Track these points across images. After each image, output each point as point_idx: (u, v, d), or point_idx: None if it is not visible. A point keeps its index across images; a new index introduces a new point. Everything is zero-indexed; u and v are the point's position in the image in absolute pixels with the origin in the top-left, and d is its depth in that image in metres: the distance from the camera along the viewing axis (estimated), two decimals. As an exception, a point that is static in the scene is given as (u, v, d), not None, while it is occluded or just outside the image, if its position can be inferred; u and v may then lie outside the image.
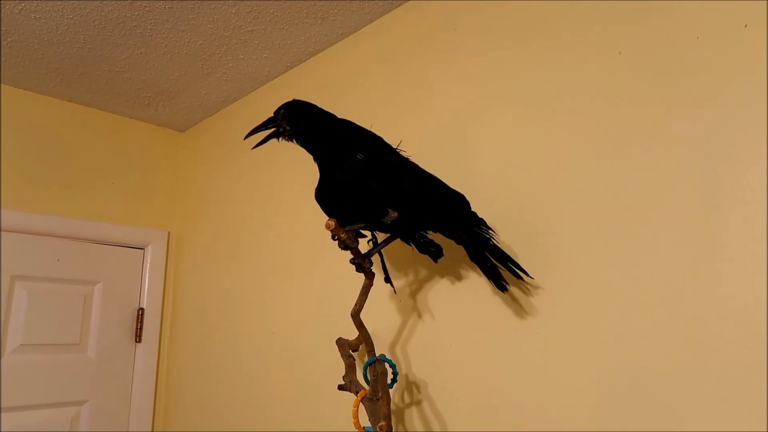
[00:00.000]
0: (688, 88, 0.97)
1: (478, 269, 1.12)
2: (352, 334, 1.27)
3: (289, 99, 1.19)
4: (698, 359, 0.90)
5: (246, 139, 1.18)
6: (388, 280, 1.24)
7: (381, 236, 1.23)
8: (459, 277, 1.26)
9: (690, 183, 0.95)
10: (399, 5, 1.55)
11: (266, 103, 1.97)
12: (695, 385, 0.90)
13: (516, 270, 1.08)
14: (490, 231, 1.09)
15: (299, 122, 1.13)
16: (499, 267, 1.09)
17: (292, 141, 1.15)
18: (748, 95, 0.90)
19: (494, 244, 1.08)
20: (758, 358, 0.84)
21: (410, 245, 1.20)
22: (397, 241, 1.21)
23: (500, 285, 1.09)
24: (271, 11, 1.59)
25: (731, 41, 0.94)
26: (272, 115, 1.16)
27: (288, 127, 1.13)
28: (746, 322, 0.86)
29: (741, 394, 0.85)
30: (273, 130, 1.16)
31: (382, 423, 0.99)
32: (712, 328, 0.89)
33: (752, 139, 0.89)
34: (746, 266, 0.87)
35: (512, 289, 1.14)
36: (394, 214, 1.05)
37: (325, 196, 1.11)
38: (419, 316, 1.34)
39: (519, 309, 1.14)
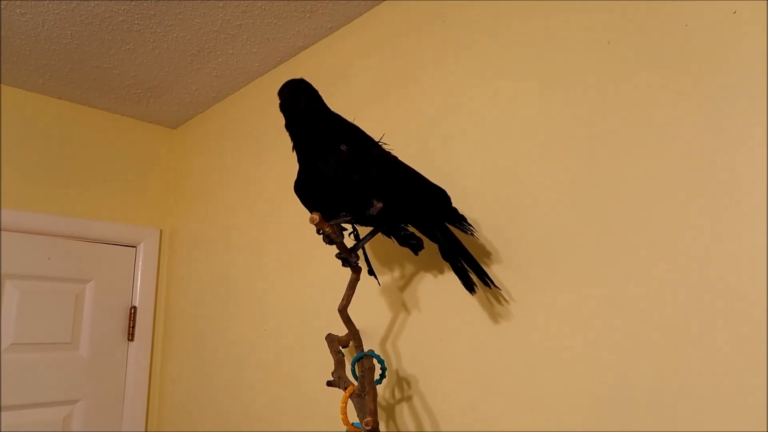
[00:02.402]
0: (677, 76, 0.96)
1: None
2: (344, 330, 1.25)
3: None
4: (697, 359, 0.88)
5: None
6: (371, 272, 1.23)
7: (362, 230, 1.22)
8: (449, 273, 1.24)
9: (682, 177, 0.93)
10: (388, -2, 1.53)
11: (257, 100, 1.96)
12: (693, 385, 0.88)
13: (484, 278, 1.07)
14: (470, 227, 1.08)
15: (312, 104, 1.08)
16: (468, 269, 1.08)
17: (295, 116, 1.09)
18: (738, 82, 0.89)
19: (465, 249, 1.08)
20: (758, 358, 0.82)
21: (391, 238, 1.19)
22: (382, 237, 1.19)
23: (469, 286, 1.08)
24: (259, 5, 1.57)
25: (720, 28, 0.92)
26: (294, 82, 1.10)
27: (303, 107, 1.07)
28: (745, 322, 0.84)
29: (741, 393, 0.83)
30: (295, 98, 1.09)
31: (368, 419, 0.98)
32: (710, 327, 0.87)
33: (745, 127, 0.87)
34: (745, 265, 0.85)
35: (500, 286, 1.13)
36: (379, 205, 1.04)
37: (306, 189, 1.09)
38: (409, 311, 1.32)
39: (508, 306, 1.13)
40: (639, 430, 0.92)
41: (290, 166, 1.72)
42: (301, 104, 1.08)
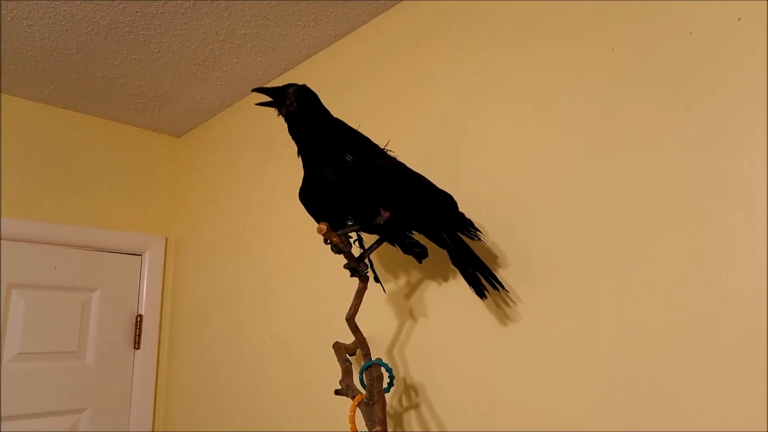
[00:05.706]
0: (682, 83, 0.96)
1: (472, 271, 1.11)
2: (350, 338, 1.25)
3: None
4: (697, 359, 0.88)
5: (252, 92, 1.14)
6: (377, 280, 1.23)
7: (366, 237, 1.22)
8: (455, 279, 1.25)
9: (686, 180, 0.93)
10: (391, 6, 1.54)
11: (261, 108, 1.96)
12: (694, 385, 0.88)
13: (492, 281, 1.07)
14: (477, 232, 1.08)
15: (305, 108, 1.09)
16: (479, 274, 1.08)
17: (285, 120, 1.11)
18: (742, 89, 0.89)
19: (474, 254, 1.07)
20: (758, 358, 0.82)
21: (395, 246, 1.19)
22: (387, 244, 1.19)
23: (479, 291, 1.08)
24: (263, 14, 1.58)
25: (724, 35, 0.92)
26: (284, 86, 1.12)
27: (296, 105, 1.08)
28: (745, 322, 0.84)
29: (741, 393, 0.83)
30: (278, 100, 1.11)
31: (378, 428, 0.98)
32: (711, 328, 0.88)
33: (749, 133, 0.88)
34: (746, 265, 0.85)
35: (509, 289, 1.13)
36: (386, 214, 1.04)
37: (310, 197, 1.09)
38: (415, 319, 1.32)
39: (516, 310, 1.13)
40: (647, 431, 0.92)
41: (295, 173, 1.72)
42: (301, 107, 1.09)
